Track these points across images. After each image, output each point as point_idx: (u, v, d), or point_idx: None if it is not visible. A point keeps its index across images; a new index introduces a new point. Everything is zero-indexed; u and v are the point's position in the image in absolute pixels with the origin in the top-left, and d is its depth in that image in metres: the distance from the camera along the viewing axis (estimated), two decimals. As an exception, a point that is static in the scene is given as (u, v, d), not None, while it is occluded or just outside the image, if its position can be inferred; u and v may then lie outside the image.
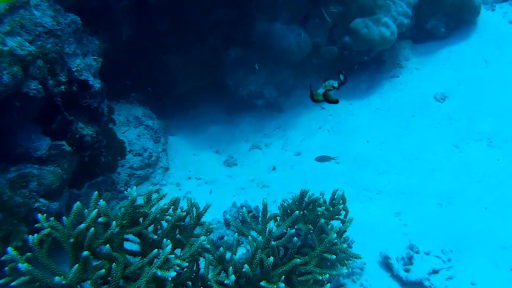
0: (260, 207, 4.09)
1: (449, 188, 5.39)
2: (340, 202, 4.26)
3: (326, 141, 6.37)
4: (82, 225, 2.81)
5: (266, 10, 6.60)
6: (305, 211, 3.82)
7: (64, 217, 2.84)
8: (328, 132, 6.51)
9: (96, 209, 2.93)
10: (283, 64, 7.01)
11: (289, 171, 6.01)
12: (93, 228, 2.81)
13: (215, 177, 6.16)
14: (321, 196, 4.10)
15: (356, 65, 7.25)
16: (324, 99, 3.34)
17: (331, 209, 4.02)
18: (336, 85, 3.26)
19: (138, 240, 3.16)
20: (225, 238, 3.71)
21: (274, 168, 6.12)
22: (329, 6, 6.54)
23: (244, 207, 4.75)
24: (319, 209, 3.92)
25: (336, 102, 3.35)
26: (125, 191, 5.48)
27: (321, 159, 5.69)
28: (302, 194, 3.99)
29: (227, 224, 4.85)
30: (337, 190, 4.31)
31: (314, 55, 6.96)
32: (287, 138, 6.57)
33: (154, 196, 3.38)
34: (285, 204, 4.09)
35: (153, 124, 6.33)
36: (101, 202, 2.98)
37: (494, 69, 7.19)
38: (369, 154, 6.00)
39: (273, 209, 4.55)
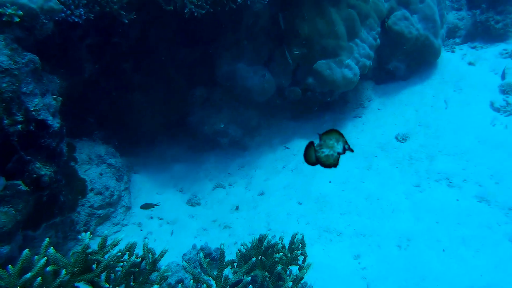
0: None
1: (409, 229, 5.35)
2: (300, 247, 4.16)
3: (289, 180, 6.30)
4: (29, 274, 2.68)
5: (230, 50, 6.57)
6: (263, 257, 3.71)
7: (10, 265, 2.70)
8: (292, 172, 6.44)
9: (45, 257, 2.80)
10: (248, 104, 6.95)
11: (252, 212, 5.91)
12: (40, 277, 2.68)
13: (177, 217, 6.04)
14: (280, 241, 4.01)
15: (316, 107, 7.23)
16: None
17: (289, 254, 3.92)
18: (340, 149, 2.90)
19: (90, 288, 3.02)
20: (185, 282, 3.60)
21: (237, 208, 6.02)
22: (292, 48, 6.52)
23: (201, 252, 4.62)
24: (276, 255, 3.83)
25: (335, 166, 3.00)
26: (83, 232, 5.31)
27: (145, 206, 5.82)
28: (261, 239, 3.89)
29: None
30: (296, 234, 4.22)
31: (278, 95, 6.92)
32: (251, 177, 6.49)
33: (110, 241, 3.26)
34: (244, 249, 3.99)
35: (116, 162, 6.20)
36: (51, 250, 2.86)
37: (453, 109, 7.24)
38: (332, 195, 5.94)
39: (234, 251, 4.42)
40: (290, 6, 6.58)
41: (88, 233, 3.17)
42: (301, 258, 4.11)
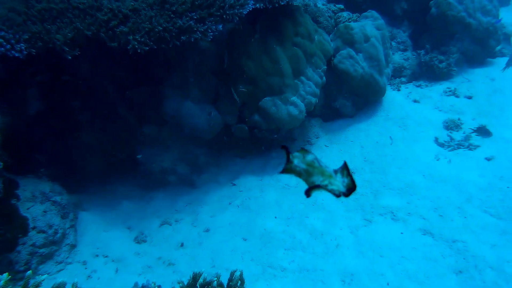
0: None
1: (353, 264, 5.21)
2: (238, 284, 3.96)
3: (235, 217, 6.12)
4: None
5: (178, 89, 6.43)
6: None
7: None
8: (238, 208, 6.26)
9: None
10: (196, 142, 6.78)
11: (197, 248, 5.70)
12: None
13: (123, 255, 5.79)
14: (216, 278, 3.80)
15: (264, 145, 7.08)
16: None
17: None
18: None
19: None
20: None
21: (182, 245, 5.81)
22: (238, 85, 6.39)
23: (142, 291, 4.38)
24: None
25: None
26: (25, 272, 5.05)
27: None
28: (195, 276, 3.68)
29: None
30: (235, 271, 4.03)
31: (226, 133, 6.77)
32: (198, 214, 6.29)
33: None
34: (179, 287, 3.77)
35: (62, 200, 5.95)
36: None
37: (398, 145, 7.20)
38: (276, 230, 5.77)
39: (175, 288, 4.19)
40: (236, 44, 6.49)
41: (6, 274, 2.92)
42: (240, 295, 3.90)
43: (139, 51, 5.43)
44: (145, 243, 6.00)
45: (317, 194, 5.84)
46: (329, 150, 7.34)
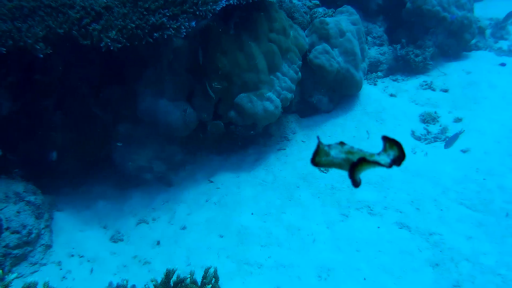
0: (138, 286, 3.71)
1: (330, 259, 5.15)
2: (212, 281, 3.87)
3: (212, 214, 6.03)
4: None
5: (152, 86, 6.31)
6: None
7: None
8: (215, 205, 6.16)
9: None
10: (172, 139, 6.67)
11: (173, 246, 5.61)
12: None
13: (99, 254, 5.69)
14: (190, 275, 3.71)
15: (240, 141, 7.01)
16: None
17: (195, 288, 3.62)
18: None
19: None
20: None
21: (158, 243, 5.71)
22: (213, 82, 6.29)
23: (117, 290, 4.27)
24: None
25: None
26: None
27: None
28: (168, 274, 3.60)
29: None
30: (209, 268, 3.95)
31: (201, 130, 6.66)
32: (174, 212, 6.18)
33: None
34: (153, 285, 3.68)
35: (36, 200, 5.83)
36: None
37: (375, 139, 7.11)
38: (253, 227, 5.68)
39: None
40: (211, 41, 6.38)
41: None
42: (215, 292, 3.83)
43: (112, 48, 5.33)
44: (122, 242, 5.89)
45: (294, 191, 5.79)
46: (306, 145, 7.26)
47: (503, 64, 9.90)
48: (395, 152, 1.85)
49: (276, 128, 7.46)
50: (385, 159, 1.90)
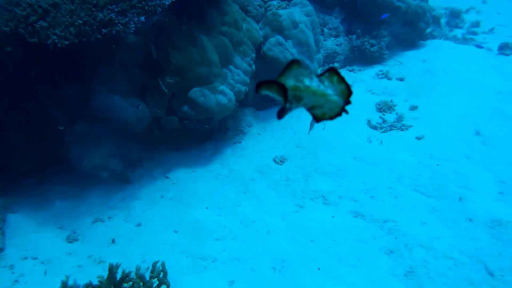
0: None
1: (284, 250, 5.07)
2: (161, 276, 3.78)
3: (167, 209, 5.92)
4: None
5: (106, 83, 6.17)
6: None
7: None
8: (170, 200, 6.05)
9: None
10: (128, 137, 6.53)
11: (128, 244, 5.48)
12: None
13: (53, 256, 5.52)
14: (136, 270, 3.62)
15: (196, 136, 6.90)
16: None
17: (141, 283, 3.52)
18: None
19: None
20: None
21: (113, 241, 5.56)
22: (165, 76, 6.16)
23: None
24: (125, 284, 3.43)
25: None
26: None
27: None
28: (111, 269, 3.49)
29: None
30: (156, 262, 3.85)
31: (156, 126, 6.52)
32: (131, 209, 6.05)
33: None
34: (98, 281, 3.57)
35: (-14, 203, 5.62)
36: None
37: (330, 130, 7.11)
38: (207, 221, 5.59)
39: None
40: (162, 36, 6.25)
41: None
42: (163, 287, 3.74)
43: (59, 45, 5.18)
44: (77, 242, 5.73)
45: (249, 184, 5.71)
46: (261, 137, 7.19)
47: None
48: (343, 88, 1.62)
49: (232, 122, 7.37)
50: (334, 100, 1.57)
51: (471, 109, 7.59)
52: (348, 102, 1.60)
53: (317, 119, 1.64)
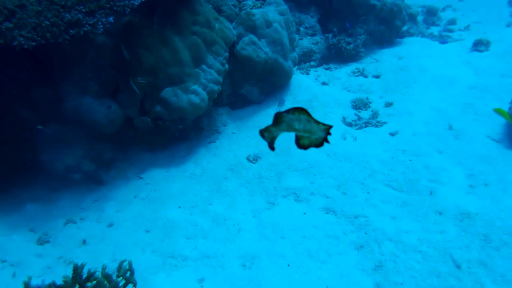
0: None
1: (254, 247, 5.03)
2: (127, 275, 3.72)
3: (140, 209, 5.85)
4: None
5: (77, 85, 6.12)
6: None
7: None
8: (143, 200, 5.99)
9: None
10: (101, 137, 6.47)
11: (100, 244, 5.41)
12: None
13: (23, 258, 5.43)
14: (102, 269, 3.57)
15: (171, 136, 6.83)
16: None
17: (105, 282, 3.46)
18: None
19: None
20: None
21: (84, 242, 5.49)
22: (137, 77, 6.10)
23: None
24: (88, 283, 3.37)
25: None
26: None
27: None
28: (76, 269, 3.43)
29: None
30: (123, 261, 3.80)
31: (129, 126, 6.46)
32: (103, 210, 5.99)
33: None
34: (63, 280, 3.52)
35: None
36: None
37: (304, 127, 6.99)
38: (179, 220, 5.53)
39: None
40: (133, 36, 6.18)
41: None
42: (130, 286, 3.69)
43: (25, 46, 5.10)
44: (48, 244, 5.65)
45: (222, 182, 5.67)
46: (236, 137, 7.14)
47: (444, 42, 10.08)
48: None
49: (207, 122, 7.32)
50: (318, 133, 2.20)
51: (445, 105, 7.59)
52: (328, 133, 2.18)
53: (304, 147, 2.26)
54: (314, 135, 2.20)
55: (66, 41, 5.30)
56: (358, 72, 9.03)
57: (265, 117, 7.50)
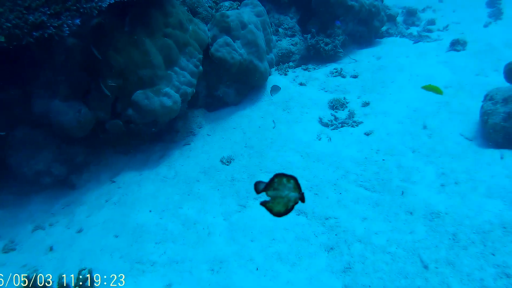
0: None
1: (223, 251, 4.90)
2: (87, 283, 3.59)
3: (110, 214, 5.71)
4: None
5: (46, 87, 5.98)
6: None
7: None
8: (115, 205, 5.84)
9: None
10: (72, 141, 6.33)
11: (67, 250, 5.26)
12: None
13: (-13, 267, 5.23)
14: (59, 278, 3.44)
15: (145, 139, 6.72)
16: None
17: None
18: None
19: None
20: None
21: (51, 249, 5.33)
22: (107, 79, 5.96)
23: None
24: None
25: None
26: None
27: None
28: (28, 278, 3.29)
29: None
30: (82, 269, 3.67)
31: (101, 130, 6.32)
32: (74, 215, 5.84)
33: None
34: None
35: None
36: None
37: (280, 129, 6.97)
38: (149, 224, 5.38)
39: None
40: (103, 38, 6.04)
41: None
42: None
43: (-12, 50, 4.98)
44: (14, 252, 5.48)
45: (193, 185, 5.54)
46: (211, 138, 7.01)
47: None
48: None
49: (182, 124, 7.18)
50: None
51: (421, 104, 7.50)
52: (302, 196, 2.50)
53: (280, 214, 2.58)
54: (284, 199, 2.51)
55: (30, 43, 5.16)
56: (336, 72, 8.93)
57: (239, 118, 7.38)
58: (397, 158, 6.10)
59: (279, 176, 2.52)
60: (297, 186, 2.50)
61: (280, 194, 2.57)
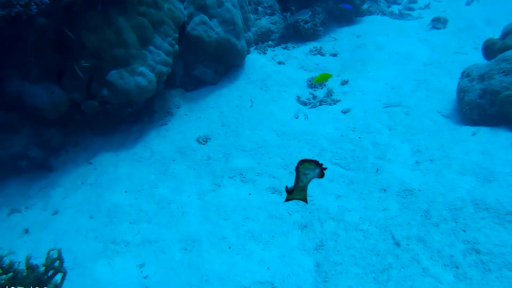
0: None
1: (196, 230, 4.87)
2: (56, 264, 3.55)
3: (86, 195, 5.65)
4: None
5: (18, 69, 5.85)
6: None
7: None
8: (91, 186, 5.78)
9: None
10: (48, 123, 6.24)
11: (42, 232, 5.21)
12: None
13: (-41, 252, 5.15)
14: (26, 259, 3.40)
15: (123, 120, 6.70)
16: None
17: (27, 272, 3.29)
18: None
19: None
20: None
21: (26, 231, 5.28)
22: (81, 60, 5.85)
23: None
24: (3, 276, 3.19)
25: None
26: None
27: None
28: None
29: None
30: (51, 250, 3.62)
31: (77, 111, 6.22)
32: (50, 197, 5.78)
33: None
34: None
35: None
36: None
37: (257, 107, 6.93)
38: (124, 204, 5.34)
39: None
40: (75, 17, 5.92)
41: None
42: (59, 275, 3.53)
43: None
44: (-11, 235, 5.42)
45: (169, 165, 5.49)
46: (188, 118, 6.94)
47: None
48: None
49: (160, 104, 7.10)
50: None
51: (399, 81, 7.47)
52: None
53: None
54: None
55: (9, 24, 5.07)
56: (315, 50, 8.86)
57: (217, 97, 7.31)
58: (373, 136, 6.07)
59: (302, 162, 2.60)
60: (318, 165, 2.59)
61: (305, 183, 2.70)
